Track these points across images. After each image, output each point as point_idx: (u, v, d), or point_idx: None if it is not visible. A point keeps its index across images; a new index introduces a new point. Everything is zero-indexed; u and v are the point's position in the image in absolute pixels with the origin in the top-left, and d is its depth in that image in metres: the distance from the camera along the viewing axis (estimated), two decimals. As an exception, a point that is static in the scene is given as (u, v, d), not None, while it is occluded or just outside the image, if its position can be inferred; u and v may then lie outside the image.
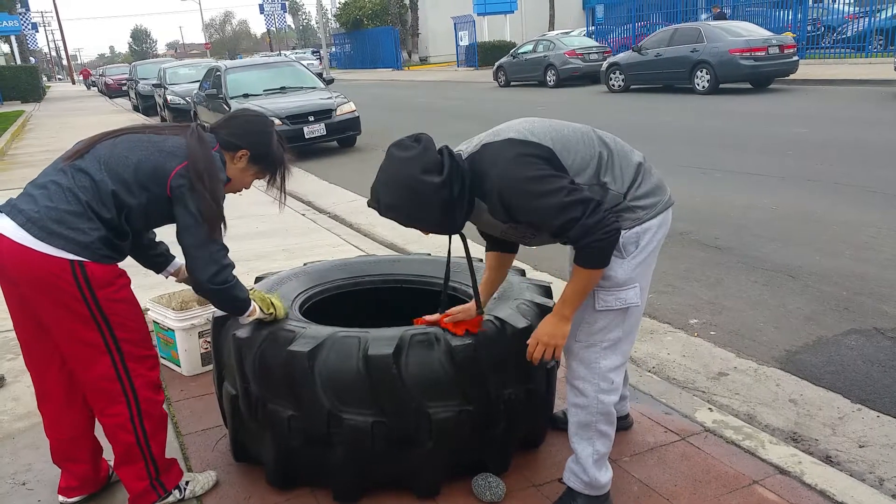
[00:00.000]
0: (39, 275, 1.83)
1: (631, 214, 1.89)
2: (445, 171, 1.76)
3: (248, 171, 2.13)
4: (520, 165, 1.77)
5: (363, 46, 40.96)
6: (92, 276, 1.85)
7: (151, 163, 1.91)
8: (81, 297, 1.86)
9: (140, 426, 2.05)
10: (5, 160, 11.46)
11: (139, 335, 2.03)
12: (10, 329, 3.80)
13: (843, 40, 18.39)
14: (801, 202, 5.68)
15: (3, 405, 3.00)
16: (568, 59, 18.49)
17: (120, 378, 1.99)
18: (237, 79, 11.14)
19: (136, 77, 21.20)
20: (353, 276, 2.70)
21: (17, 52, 35.94)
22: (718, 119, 10.52)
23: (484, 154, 1.83)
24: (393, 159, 1.80)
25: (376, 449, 2.06)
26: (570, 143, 1.86)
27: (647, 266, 1.95)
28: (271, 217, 6.36)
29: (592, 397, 1.98)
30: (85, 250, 1.83)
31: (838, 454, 2.47)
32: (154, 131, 2.03)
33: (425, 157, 1.77)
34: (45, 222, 1.82)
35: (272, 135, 2.14)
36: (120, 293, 1.94)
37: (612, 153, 1.89)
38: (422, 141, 1.81)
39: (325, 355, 2.02)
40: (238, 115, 2.20)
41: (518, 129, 1.87)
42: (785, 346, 3.32)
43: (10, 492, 2.38)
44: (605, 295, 1.90)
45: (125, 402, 2.01)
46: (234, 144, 2.07)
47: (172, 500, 2.20)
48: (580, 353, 1.98)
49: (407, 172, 1.76)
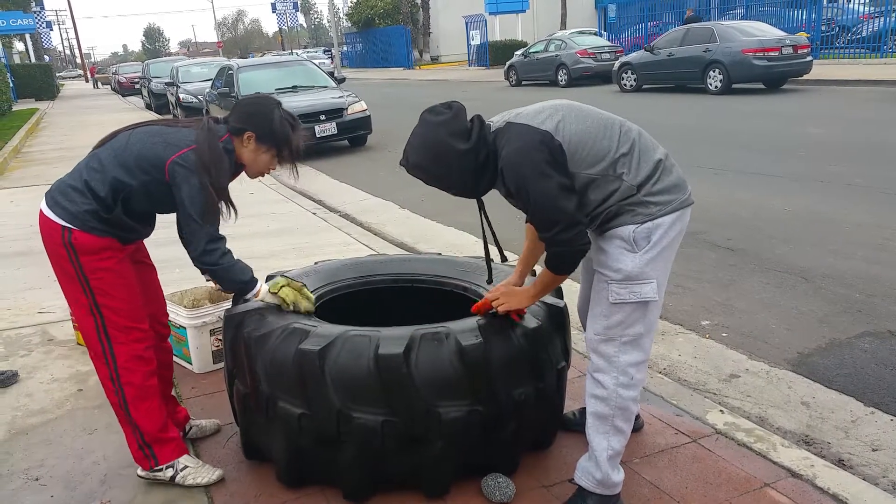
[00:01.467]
0: (45, 237, 2.16)
1: (643, 209, 1.89)
2: (472, 139, 1.89)
3: (259, 152, 2.24)
4: (525, 155, 1.86)
5: (374, 45, 41.02)
6: (76, 241, 2.10)
7: (153, 151, 2.12)
8: (69, 260, 2.13)
9: (119, 389, 2.22)
10: (20, 157, 11.57)
11: (122, 304, 2.18)
12: (23, 325, 3.88)
13: (857, 40, 18.23)
14: (814, 203, 5.64)
15: (17, 401, 3.03)
16: (580, 58, 18.42)
17: (101, 340, 2.19)
18: (249, 77, 11.17)
19: (149, 75, 21.32)
20: (363, 275, 2.71)
21: (32, 50, 36.26)
22: (731, 119, 10.46)
23: (504, 131, 1.92)
24: (424, 123, 1.92)
25: (386, 448, 2.06)
26: (589, 138, 1.90)
27: (663, 262, 1.95)
28: (282, 216, 6.39)
29: (612, 390, 1.99)
30: (75, 219, 2.10)
31: (851, 458, 2.45)
32: (167, 124, 2.24)
33: (454, 123, 1.89)
34: (54, 193, 2.16)
35: (273, 113, 2.23)
36: (103, 263, 2.14)
37: (633, 148, 1.92)
38: (453, 108, 1.93)
39: (335, 354, 2.02)
40: (243, 101, 2.35)
41: (544, 116, 1.92)
42: (797, 349, 3.30)
43: (23, 487, 2.40)
44: (617, 288, 1.92)
45: (105, 363, 2.21)
46: (240, 129, 2.21)
47: (163, 476, 2.31)
48: (599, 346, 2.00)
49: (435, 135, 1.89)
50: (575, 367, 2.68)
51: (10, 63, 30.15)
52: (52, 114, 21.27)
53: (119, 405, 2.24)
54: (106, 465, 2.49)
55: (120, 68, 36.82)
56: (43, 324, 3.89)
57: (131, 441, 2.30)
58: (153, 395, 2.27)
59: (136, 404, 2.23)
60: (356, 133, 10.53)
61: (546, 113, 1.93)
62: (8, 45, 34.98)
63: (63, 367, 3.32)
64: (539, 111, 1.95)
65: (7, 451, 2.63)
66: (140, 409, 2.24)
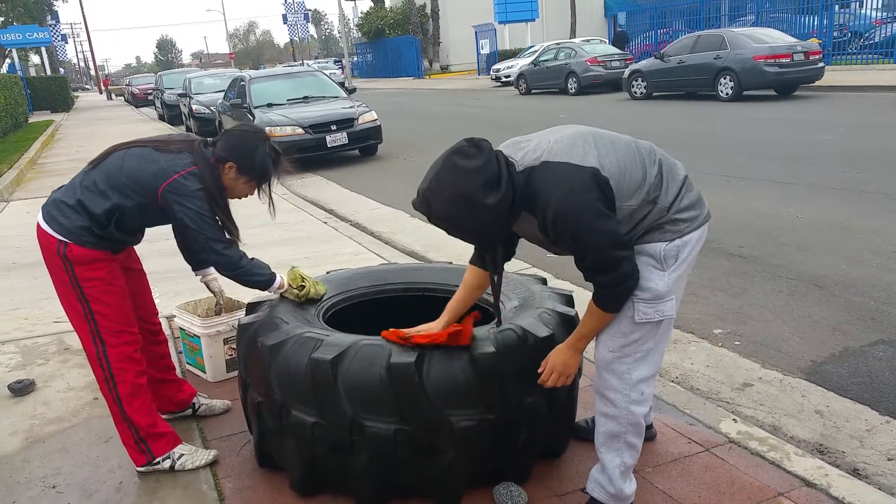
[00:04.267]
0: (43, 249, 2.32)
1: (673, 227, 1.88)
2: (502, 188, 1.71)
3: (238, 181, 2.37)
4: (581, 200, 1.74)
5: (385, 55, 41.25)
6: (70, 253, 2.26)
7: (145, 175, 2.26)
8: (65, 270, 2.28)
9: (114, 389, 2.37)
10: (35, 169, 11.72)
11: (113, 311, 2.34)
12: (40, 335, 3.92)
13: (870, 46, 18.12)
14: (827, 210, 5.61)
15: (34, 409, 3.06)
16: (589, 66, 18.44)
17: (95, 343, 2.34)
18: (261, 88, 11.27)
19: (162, 87, 21.51)
20: (375, 284, 2.73)
21: (47, 62, 36.76)
22: (742, 126, 10.42)
23: (544, 173, 1.77)
24: (453, 168, 1.72)
25: (398, 457, 2.07)
26: (627, 169, 1.83)
27: (683, 278, 1.95)
28: (294, 225, 6.43)
29: (623, 408, 1.97)
30: (70, 234, 2.25)
31: (866, 467, 2.43)
32: (157, 146, 2.33)
33: (486, 170, 1.70)
34: (50, 208, 2.31)
35: (258, 148, 2.34)
36: (96, 273, 2.29)
37: (661, 171, 1.88)
38: (483, 150, 1.73)
39: (348, 363, 2.04)
40: (233, 129, 2.47)
41: (580, 150, 1.81)
42: (811, 357, 3.28)
43: (40, 495, 2.43)
44: (644, 308, 1.89)
45: (100, 365, 2.36)
46: (223, 157, 2.34)
47: (161, 467, 2.45)
48: (612, 363, 1.97)
49: (466, 187, 1.69)
50: (586, 375, 2.68)
51: (26, 76, 30.57)
52: (67, 125, 21.53)
53: (114, 402, 2.39)
54: (121, 473, 2.52)
55: (133, 80, 37.25)
56: (59, 333, 3.94)
57: (126, 438, 2.44)
58: (144, 392, 2.44)
59: (129, 401, 2.39)
60: (367, 143, 10.58)
61: (580, 146, 1.81)
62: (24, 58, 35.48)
63: (79, 376, 3.36)
64: (572, 145, 1.82)
65: (25, 459, 2.66)
66: (133, 406, 2.39)
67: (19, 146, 14.27)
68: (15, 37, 29.30)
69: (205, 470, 2.47)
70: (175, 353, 3.39)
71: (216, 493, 2.35)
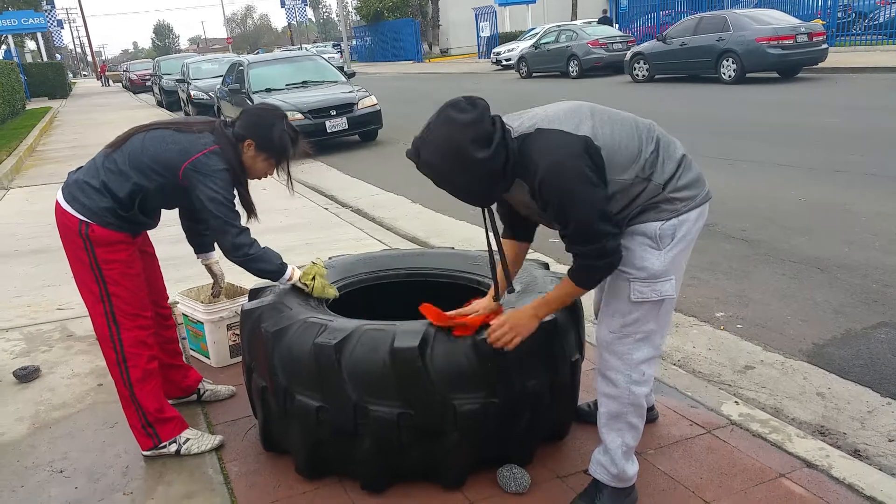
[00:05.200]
0: (63, 229, 2.31)
1: (669, 206, 1.87)
2: (493, 147, 1.73)
3: (258, 159, 2.38)
4: (569, 166, 1.75)
5: (384, 39, 40.97)
6: (92, 233, 2.26)
7: (167, 155, 2.26)
8: (85, 250, 2.29)
9: (125, 372, 2.38)
10: (34, 156, 11.68)
11: (130, 294, 2.36)
12: (44, 321, 3.94)
13: (874, 27, 17.98)
14: (830, 193, 5.59)
15: (40, 396, 3.08)
16: (591, 49, 18.31)
17: (109, 326, 2.35)
18: (260, 73, 11.21)
19: (160, 72, 21.41)
20: (377, 269, 2.73)
21: (44, 49, 36.53)
22: (745, 109, 10.37)
23: (537, 140, 1.80)
24: (446, 121, 1.75)
25: (402, 440, 2.08)
26: (622, 142, 1.83)
27: (682, 258, 1.94)
28: (294, 211, 6.42)
29: (624, 388, 1.98)
30: (93, 215, 2.26)
31: (867, 448, 2.45)
32: (178, 128, 2.35)
33: (478, 126, 1.73)
34: (72, 189, 2.30)
35: (275, 125, 2.36)
36: (116, 255, 2.31)
37: (658, 147, 1.88)
38: (478, 106, 1.76)
39: (351, 348, 2.04)
40: (250, 108, 2.50)
41: (576, 120, 1.83)
42: (812, 340, 3.29)
43: (48, 479, 2.45)
44: (641, 286, 1.89)
45: (113, 348, 2.37)
46: (242, 135, 2.35)
47: (167, 451, 2.47)
48: (613, 344, 1.98)
49: (456, 138, 1.72)
50: (589, 359, 2.70)
51: (22, 62, 30.39)
52: (65, 112, 21.45)
53: (124, 385, 2.40)
54: (127, 457, 2.54)
55: (131, 65, 37.03)
56: (62, 320, 3.95)
57: (134, 422, 2.45)
58: (155, 377, 2.46)
59: (140, 385, 2.40)
60: (367, 128, 10.54)
61: (577, 117, 1.84)
62: (20, 44, 35.26)
63: (83, 363, 3.37)
64: (568, 115, 1.85)
65: (31, 445, 2.68)
66: (144, 390, 2.41)
67: (17, 133, 14.23)
68: (10, 22, 29.09)
69: (210, 454, 2.49)
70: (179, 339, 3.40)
71: (222, 477, 2.37)
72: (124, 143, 2.32)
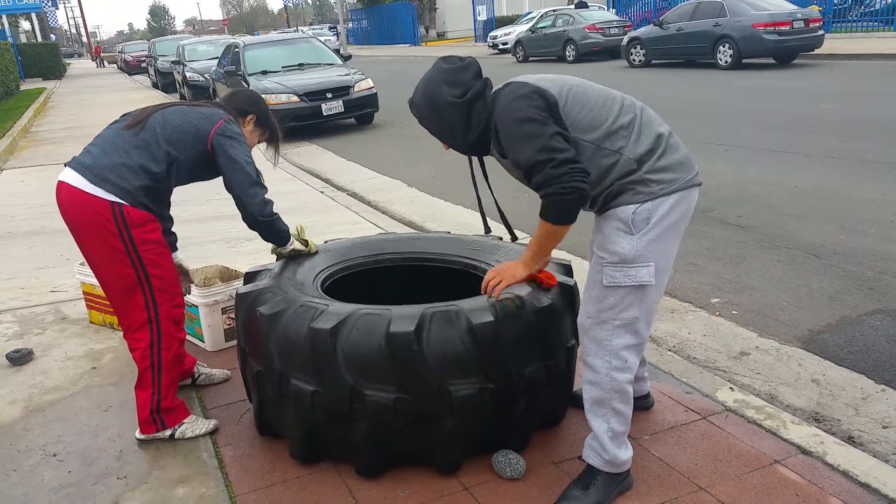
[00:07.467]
0: (87, 214, 2.22)
1: (644, 188, 1.85)
2: (468, 94, 1.93)
3: (255, 133, 2.56)
4: (517, 105, 1.86)
5: (380, 22, 40.63)
6: (127, 215, 2.22)
7: (193, 124, 2.34)
8: (118, 234, 2.23)
9: (157, 355, 2.37)
10: (28, 137, 11.58)
11: (167, 272, 2.36)
12: (36, 304, 3.91)
13: (871, 13, 17.91)
14: (826, 180, 5.59)
15: (33, 379, 3.07)
16: (588, 33, 18.22)
17: (148, 308, 2.33)
18: (256, 55, 11.12)
19: (155, 54, 21.22)
20: (373, 253, 2.71)
21: (38, 29, 36.13)
22: (741, 95, 10.34)
23: (501, 90, 1.95)
24: (434, 67, 2.00)
25: (398, 425, 2.08)
26: (587, 101, 1.89)
27: (665, 244, 1.90)
28: (290, 194, 6.39)
29: (604, 374, 1.97)
30: (128, 195, 2.22)
31: (861, 435, 2.46)
32: (188, 104, 2.47)
33: (457, 73, 1.96)
34: (101, 170, 2.23)
35: (266, 105, 2.62)
36: (151, 234, 2.30)
37: (634, 121, 1.88)
38: (465, 61, 1.99)
39: (347, 332, 2.03)
40: (238, 90, 2.67)
41: (547, 80, 1.93)
42: (808, 326, 3.29)
43: (41, 463, 2.44)
44: (612, 271, 1.89)
45: (149, 330, 2.35)
46: (244, 111, 2.51)
47: (161, 436, 2.48)
48: (591, 329, 1.98)
49: (435, 80, 1.97)
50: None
51: (16, 42, 30.05)
52: (60, 93, 21.26)
53: (154, 368, 2.38)
54: (121, 441, 2.53)
55: (126, 47, 36.67)
56: (56, 302, 3.93)
57: (144, 408, 2.43)
58: (180, 363, 2.50)
59: (168, 368, 2.41)
60: (363, 111, 10.48)
61: (549, 77, 1.95)
62: (14, 25, 34.82)
63: (77, 346, 3.36)
64: (543, 76, 1.97)
65: (25, 428, 2.67)
66: (170, 376, 2.43)
67: (11, 114, 14.10)
68: (5, 2, 28.68)
69: (205, 438, 2.49)
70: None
71: (216, 461, 2.36)
72: (145, 121, 2.33)
